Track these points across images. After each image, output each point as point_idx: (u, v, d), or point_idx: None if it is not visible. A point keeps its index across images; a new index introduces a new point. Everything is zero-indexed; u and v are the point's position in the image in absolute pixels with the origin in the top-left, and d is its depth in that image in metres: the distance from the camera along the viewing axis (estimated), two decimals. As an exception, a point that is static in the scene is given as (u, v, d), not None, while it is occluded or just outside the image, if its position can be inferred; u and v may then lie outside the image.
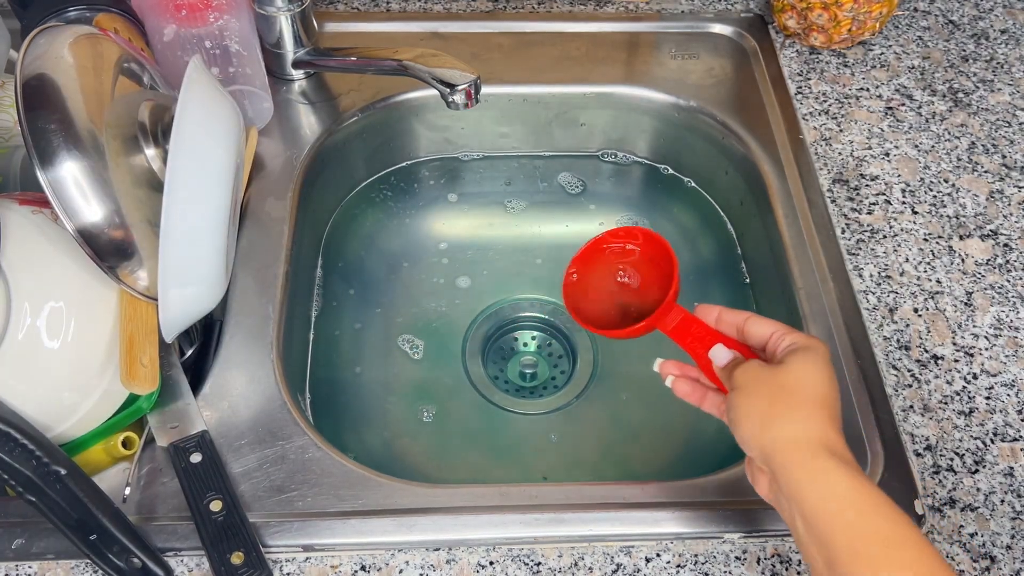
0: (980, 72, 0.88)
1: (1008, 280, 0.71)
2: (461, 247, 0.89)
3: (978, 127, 0.83)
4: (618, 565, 0.56)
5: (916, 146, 0.81)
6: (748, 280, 0.83)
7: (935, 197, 0.77)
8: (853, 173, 0.79)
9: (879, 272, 0.71)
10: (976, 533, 0.58)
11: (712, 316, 0.54)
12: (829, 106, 0.84)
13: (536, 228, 0.90)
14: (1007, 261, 0.72)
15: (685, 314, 0.54)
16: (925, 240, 0.74)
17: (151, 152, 0.60)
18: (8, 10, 0.79)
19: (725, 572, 0.56)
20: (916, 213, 0.76)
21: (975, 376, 0.65)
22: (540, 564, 0.56)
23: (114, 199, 0.55)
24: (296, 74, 0.83)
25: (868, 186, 0.78)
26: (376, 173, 0.91)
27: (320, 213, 0.85)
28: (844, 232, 0.74)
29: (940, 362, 0.66)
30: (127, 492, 0.57)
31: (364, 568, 0.55)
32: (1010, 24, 0.94)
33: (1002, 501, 0.59)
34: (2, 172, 0.70)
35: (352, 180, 0.90)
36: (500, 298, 0.86)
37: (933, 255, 0.73)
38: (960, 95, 0.86)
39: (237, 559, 0.53)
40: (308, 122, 0.82)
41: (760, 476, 0.50)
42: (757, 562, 0.56)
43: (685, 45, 0.90)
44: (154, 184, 0.59)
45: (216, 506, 0.55)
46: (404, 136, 0.89)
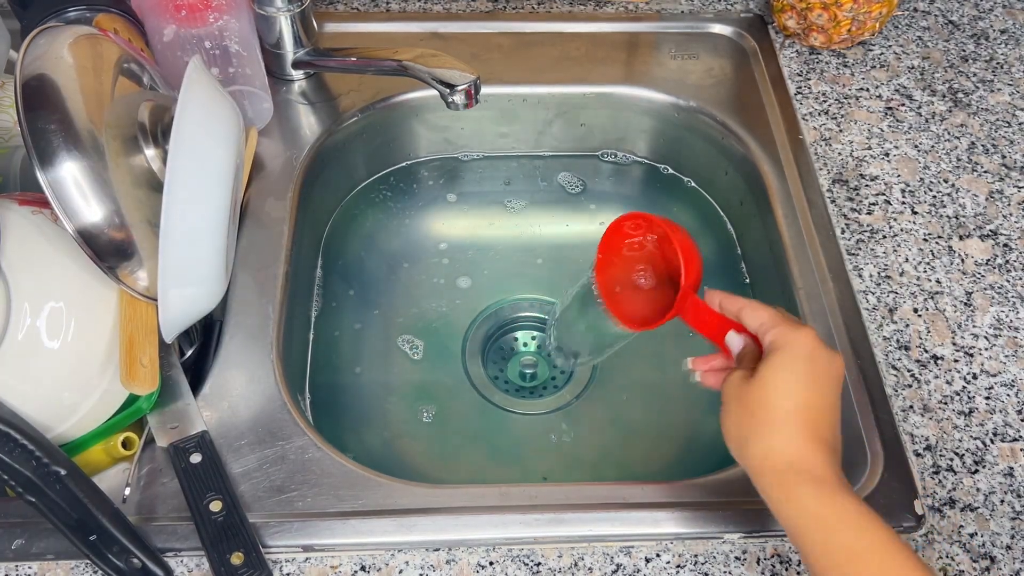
0: (980, 72, 0.88)
1: (1008, 280, 0.71)
2: (461, 247, 0.89)
3: (978, 127, 0.83)
4: (618, 565, 0.56)
5: (916, 146, 0.81)
6: (748, 280, 0.83)
7: (935, 197, 0.77)
8: (853, 173, 0.79)
9: (879, 272, 0.71)
10: (976, 533, 0.58)
11: (715, 303, 0.54)
12: (829, 106, 0.84)
13: (536, 228, 0.90)
14: (1007, 261, 0.72)
15: (700, 303, 0.55)
16: (925, 240, 0.74)
17: (151, 152, 0.60)
18: (8, 10, 0.79)
19: (725, 572, 0.56)
20: (916, 213, 0.76)
21: (975, 376, 0.65)
22: (540, 564, 0.56)
23: (114, 199, 0.55)
24: (296, 74, 0.83)
25: (868, 186, 0.78)
26: (376, 173, 0.91)
27: (320, 213, 0.85)
28: (844, 232, 0.74)
29: (940, 362, 0.66)
30: (127, 492, 0.57)
31: (364, 568, 0.55)
32: (1010, 24, 0.94)
33: (1002, 501, 0.59)
34: (2, 172, 0.70)
35: (352, 180, 0.90)
36: (500, 298, 0.86)
37: (933, 255, 0.73)
38: (960, 95, 0.86)
39: (237, 559, 0.53)
40: (308, 122, 0.82)
41: None
42: (757, 562, 0.56)
43: (685, 45, 0.90)
44: (154, 184, 0.59)
45: (216, 506, 0.55)
46: (404, 136, 0.89)
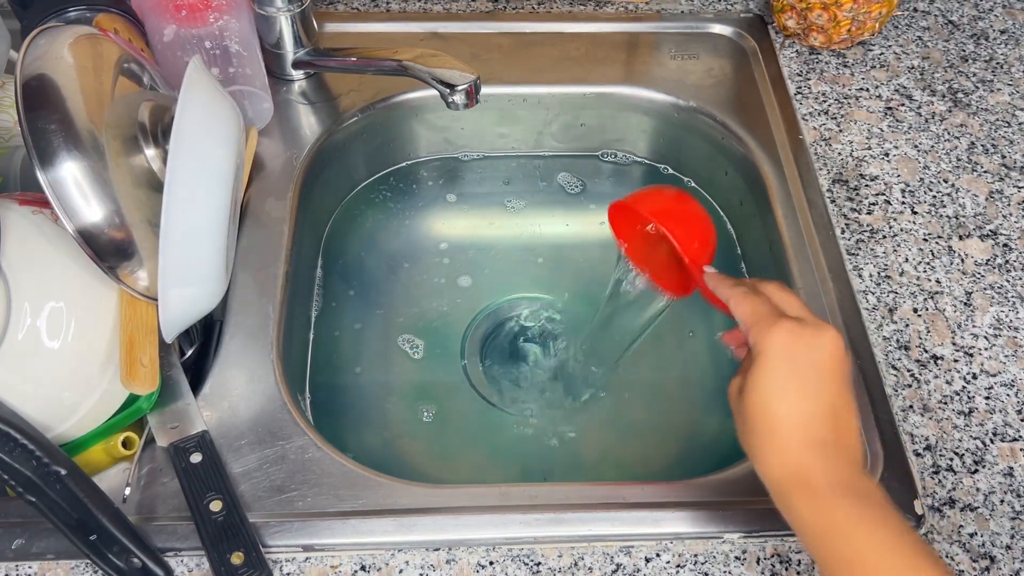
0: (980, 72, 0.88)
1: (1008, 280, 0.71)
2: (461, 247, 0.89)
3: (978, 127, 0.83)
4: (618, 565, 0.56)
5: (916, 146, 0.81)
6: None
7: (935, 197, 0.77)
8: (853, 173, 0.79)
9: (879, 272, 0.71)
10: (976, 533, 0.58)
11: (712, 286, 0.55)
12: (829, 106, 0.84)
13: (536, 228, 0.90)
14: (1007, 261, 0.72)
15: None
16: (925, 240, 0.74)
17: (151, 152, 0.60)
18: (8, 10, 0.79)
19: (725, 572, 0.56)
20: (916, 213, 0.76)
21: (975, 376, 0.65)
22: (540, 564, 0.56)
23: (114, 199, 0.55)
24: (296, 74, 0.83)
25: (868, 186, 0.78)
26: (376, 173, 0.91)
27: (320, 213, 0.85)
28: (844, 232, 0.74)
29: (940, 362, 0.66)
30: (127, 492, 0.57)
31: (364, 568, 0.55)
32: (1010, 24, 0.94)
33: (1002, 501, 0.59)
34: (2, 172, 0.70)
35: (352, 180, 0.90)
36: (500, 298, 0.86)
37: (933, 255, 0.73)
38: (960, 95, 0.86)
39: (237, 559, 0.53)
40: (308, 122, 0.82)
41: None
42: (757, 562, 0.56)
43: (685, 45, 0.90)
44: (154, 184, 0.59)
45: (216, 506, 0.55)
46: (404, 136, 0.89)
